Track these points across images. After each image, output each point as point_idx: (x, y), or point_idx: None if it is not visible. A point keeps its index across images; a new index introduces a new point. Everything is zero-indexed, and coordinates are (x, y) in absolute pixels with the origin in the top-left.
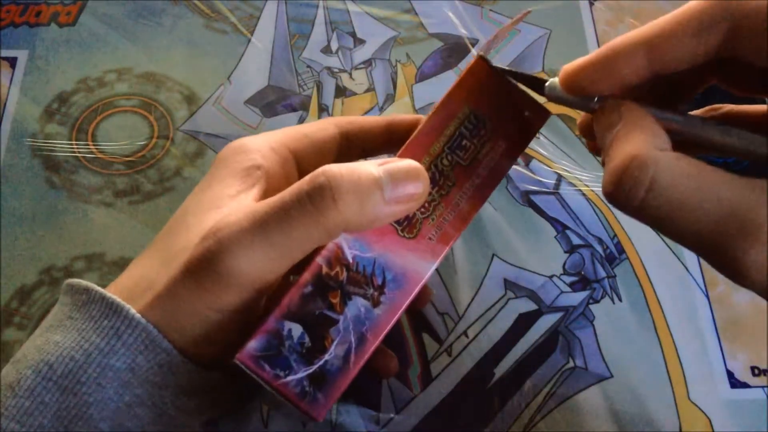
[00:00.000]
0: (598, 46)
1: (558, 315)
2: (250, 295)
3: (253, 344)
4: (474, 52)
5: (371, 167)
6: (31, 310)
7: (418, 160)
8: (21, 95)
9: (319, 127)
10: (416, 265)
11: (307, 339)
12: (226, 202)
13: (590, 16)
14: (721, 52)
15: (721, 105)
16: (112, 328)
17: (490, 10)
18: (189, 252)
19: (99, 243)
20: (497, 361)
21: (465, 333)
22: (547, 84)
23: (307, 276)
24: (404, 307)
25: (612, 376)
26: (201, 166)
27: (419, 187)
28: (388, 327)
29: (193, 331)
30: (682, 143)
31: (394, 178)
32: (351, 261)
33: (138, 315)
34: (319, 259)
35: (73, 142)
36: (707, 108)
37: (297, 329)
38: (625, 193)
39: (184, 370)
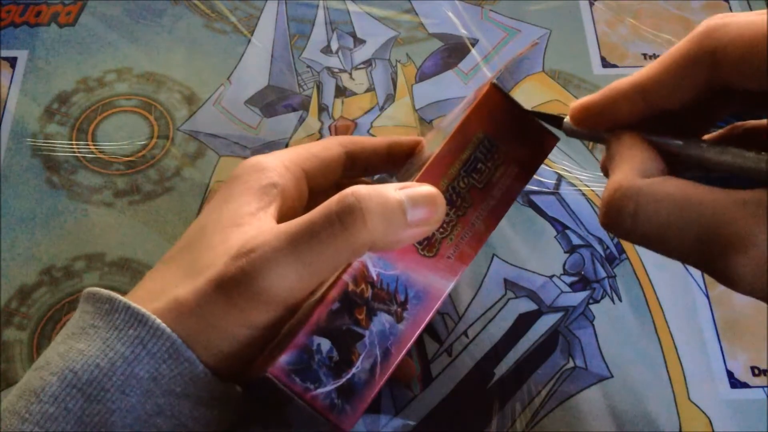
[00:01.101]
0: (598, 46)
1: (558, 315)
2: (280, 313)
3: (284, 358)
4: (488, 74)
5: (393, 191)
6: (31, 310)
7: (436, 183)
8: (21, 95)
9: (324, 146)
10: (436, 283)
11: (335, 353)
12: (247, 219)
13: (590, 16)
14: (713, 85)
15: (743, 123)
16: (137, 337)
17: (490, 10)
18: (218, 269)
19: (99, 243)
20: (497, 361)
21: (465, 333)
22: (564, 120)
23: (334, 293)
24: (426, 322)
25: (612, 376)
26: (201, 166)
27: (437, 211)
28: (411, 341)
29: (219, 346)
30: (685, 165)
31: (414, 202)
32: (375, 278)
33: (163, 324)
34: (346, 277)
35: (73, 142)
36: (730, 126)
37: (326, 344)
38: (613, 221)
39: (205, 381)
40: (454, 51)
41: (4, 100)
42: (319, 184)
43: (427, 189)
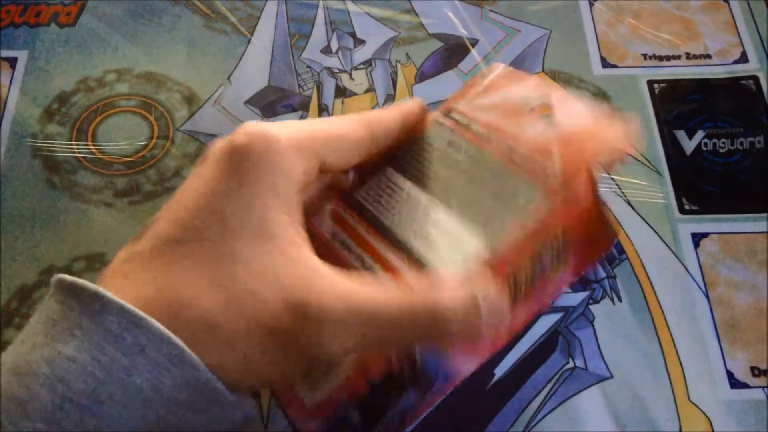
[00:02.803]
0: (598, 46)
1: (558, 315)
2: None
3: (318, 425)
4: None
5: (475, 296)
6: (31, 310)
7: (503, 270)
8: (21, 95)
9: (348, 127)
10: (465, 364)
11: (360, 424)
12: (280, 235)
13: (590, 16)
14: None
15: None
16: (137, 344)
17: (490, 10)
18: (270, 315)
19: (99, 243)
20: (497, 361)
21: None
22: None
23: (379, 370)
24: (447, 393)
25: (612, 376)
26: None
27: (501, 322)
28: (426, 411)
29: (248, 382)
30: None
31: (492, 314)
32: (418, 361)
33: (165, 330)
34: (393, 357)
35: (73, 143)
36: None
37: (356, 416)
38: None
39: (212, 389)
40: (454, 51)
41: (4, 100)
42: (336, 167)
43: (504, 304)
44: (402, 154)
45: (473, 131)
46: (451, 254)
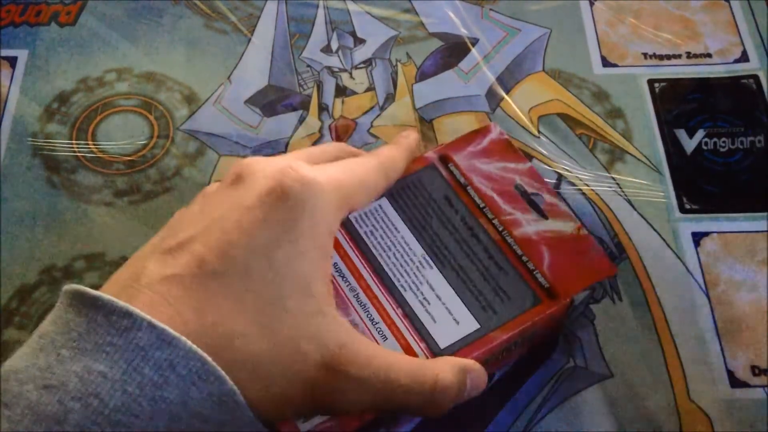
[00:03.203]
0: (599, 45)
1: None
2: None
3: None
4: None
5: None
6: (31, 310)
7: (484, 354)
8: (21, 95)
9: (369, 174)
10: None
11: None
12: (322, 296)
13: (590, 16)
14: None
15: None
16: (166, 360)
17: (491, 9)
18: (309, 369)
19: (99, 243)
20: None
21: None
22: None
23: (369, 417)
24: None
25: (612, 376)
26: (201, 166)
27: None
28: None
29: (269, 416)
30: None
31: (474, 390)
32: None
33: (194, 346)
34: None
35: (73, 142)
36: None
37: None
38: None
39: (234, 401)
40: (454, 50)
41: (4, 100)
42: (355, 210)
43: (483, 379)
44: (397, 190)
45: (470, 195)
46: (446, 324)
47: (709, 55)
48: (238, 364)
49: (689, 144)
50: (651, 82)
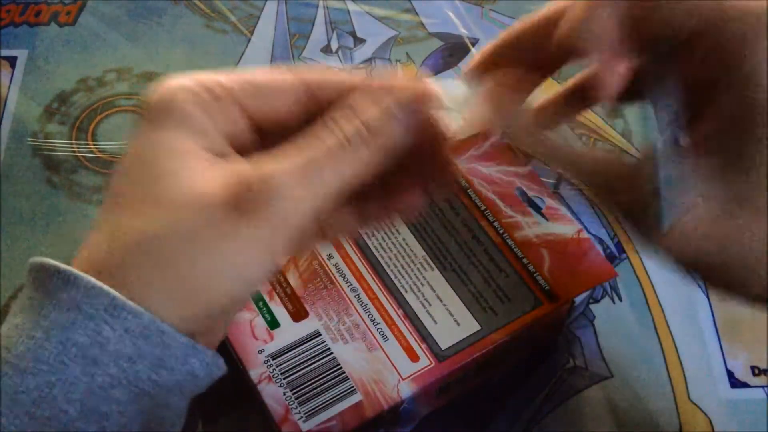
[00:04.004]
0: None
1: None
2: (288, 242)
3: None
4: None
5: (387, 105)
6: None
7: (480, 353)
8: (21, 95)
9: (274, 74)
10: (426, 408)
11: None
12: (192, 154)
13: None
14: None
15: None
16: (71, 300)
17: (491, 9)
18: (212, 195)
19: None
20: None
21: None
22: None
23: (370, 413)
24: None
25: (612, 376)
26: None
27: (433, 106)
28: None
29: (184, 293)
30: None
31: (407, 108)
32: (401, 412)
33: (98, 282)
34: (385, 405)
35: (73, 142)
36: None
37: None
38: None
39: (157, 332)
40: (454, 50)
41: (4, 100)
42: (260, 115)
43: (413, 85)
44: None
45: (471, 197)
46: (447, 325)
47: None
48: (130, 250)
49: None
50: None
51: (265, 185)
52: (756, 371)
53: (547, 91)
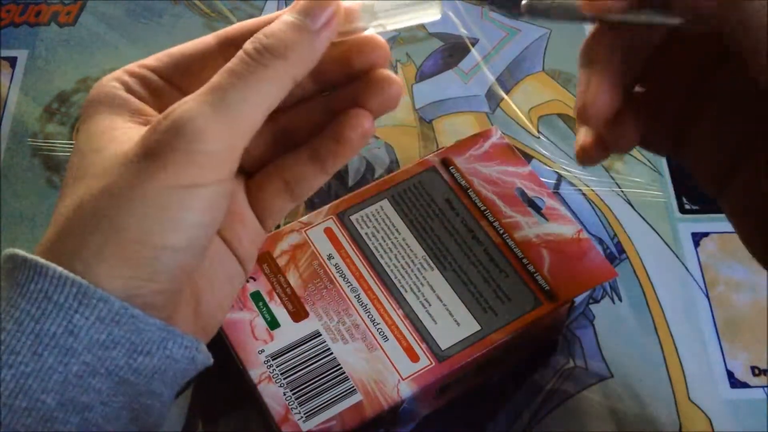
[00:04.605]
0: None
1: None
2: (213, 180)
3: None
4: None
5: (284, 17)
6: None
7: (480, 352)
8: (21, 95)
9: (187, 43)
10: (425, 408)
11: None
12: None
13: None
14: None
15: None
16: (41, 291)
17: (491, 10)
18: (131, 146)
19: None
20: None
21: None
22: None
23: (370, 413)
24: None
25: (612, 376)
26: None
27: (332, 6)
28: None
29: (144, 264)
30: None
31: (307, 12)
32: (401, 412)
33: (65, 272)
34: (384, 403)
35: (73, 142)
36: None
37: None
38: None
39: (129, 317)
40: (454, 50)
41: (4, 100)
42: (197, 85)
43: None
44: (399, 192)
45: (471, 198)
46: (447, 325)
47: None
48: (87, 241)
49: None
50: None
51: (171, 123)
52: (756, 371)
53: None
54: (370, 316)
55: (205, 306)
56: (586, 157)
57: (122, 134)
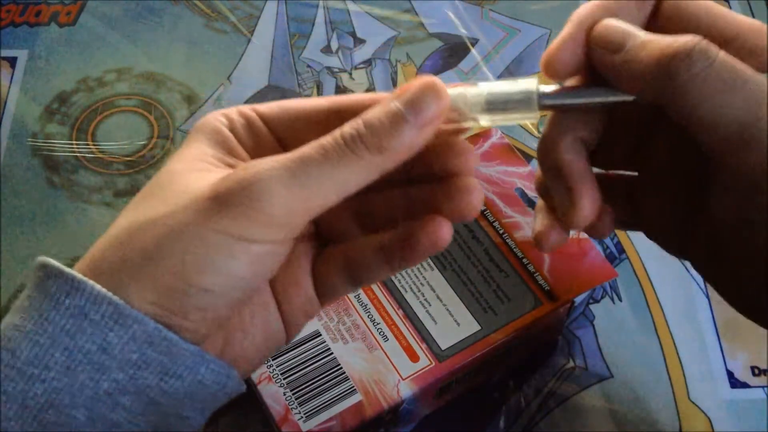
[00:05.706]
0: None
1: None
2: (272, 240)
3: None
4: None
5: (389, 105)
6: None
7: (482, 351)
8: (21, 95)
9: (301, 100)
10: (424, 408)
11: None
12: (185, 172)
13: None
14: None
15: None
16: (76, 306)
17: (490, 9)
18: (204, 190)
19: None
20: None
21: None
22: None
23: (370, 413)
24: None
25: (612, 376)
26: None
27: (441, 102)
28: None
29: (185, 300)
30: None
31: (413, 104)
32: (401, 412)
33: (103, 290)
34: (383, 403)
35: (73, 142)
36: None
37: None
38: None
39: (162, 339)
40: (454, 51)
41: (4, 100)
42: (297, 142)
43: (420, 82)
44: None
45: None
46: (447, 325)
47: None
48: (148, 286)
49: None
50: None
51: (245, 176)
52: (756, 371)
53: None
54: (370, 316)
55: (230, 355)
56: (545, 243)
57: (206, 168)
